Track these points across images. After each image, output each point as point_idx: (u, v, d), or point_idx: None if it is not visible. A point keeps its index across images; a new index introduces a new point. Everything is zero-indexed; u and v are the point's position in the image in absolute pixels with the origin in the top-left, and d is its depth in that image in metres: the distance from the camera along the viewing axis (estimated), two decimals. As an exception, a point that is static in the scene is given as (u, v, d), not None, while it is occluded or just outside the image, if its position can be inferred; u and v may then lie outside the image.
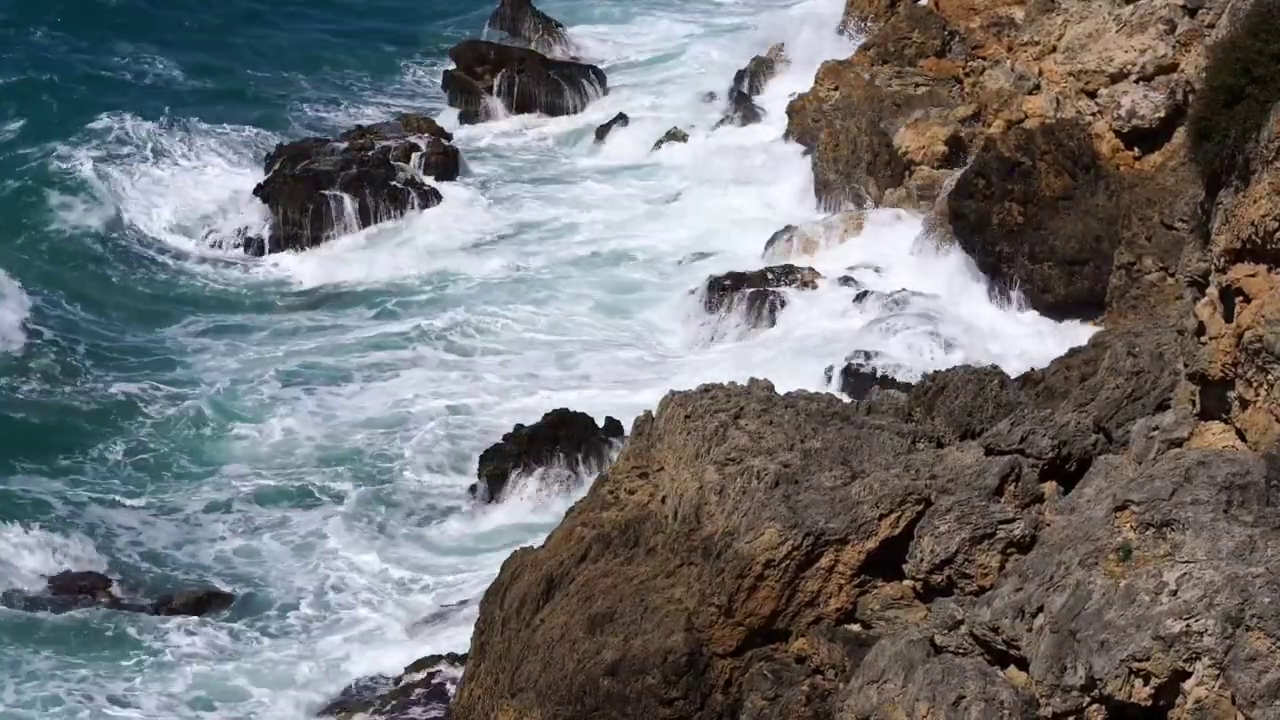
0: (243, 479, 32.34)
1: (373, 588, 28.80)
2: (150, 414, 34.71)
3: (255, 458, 33.19)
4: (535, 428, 31.85)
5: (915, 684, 14.62)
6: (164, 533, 30.56)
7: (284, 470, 32.71)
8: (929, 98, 43.00)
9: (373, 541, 30.25)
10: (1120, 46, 39.22)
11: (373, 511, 31.24)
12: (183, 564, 29.62)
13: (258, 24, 63.96)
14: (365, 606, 28.25)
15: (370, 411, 35.11)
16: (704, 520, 19.02)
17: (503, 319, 39.32)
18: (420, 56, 61.22)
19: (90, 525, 30.34)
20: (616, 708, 18.40)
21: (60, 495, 31.24)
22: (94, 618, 27.54)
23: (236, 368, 36.92)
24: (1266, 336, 14.87)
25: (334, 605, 28.31)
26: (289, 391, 35.70)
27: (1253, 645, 12.87)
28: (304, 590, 28.77)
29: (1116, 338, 24.61)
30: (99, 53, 59.35)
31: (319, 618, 27.93)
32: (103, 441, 33.54)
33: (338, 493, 31.88)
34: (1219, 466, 14.10)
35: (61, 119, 51.63)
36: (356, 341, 38.69)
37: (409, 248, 44.35)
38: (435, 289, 42.02)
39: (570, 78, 56.06)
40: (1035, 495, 17.98)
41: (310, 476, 32.46)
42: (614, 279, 41.96)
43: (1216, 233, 15.68)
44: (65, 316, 39.38)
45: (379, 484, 32.23)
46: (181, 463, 33.06)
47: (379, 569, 29.36)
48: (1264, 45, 15.24)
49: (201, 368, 37.05)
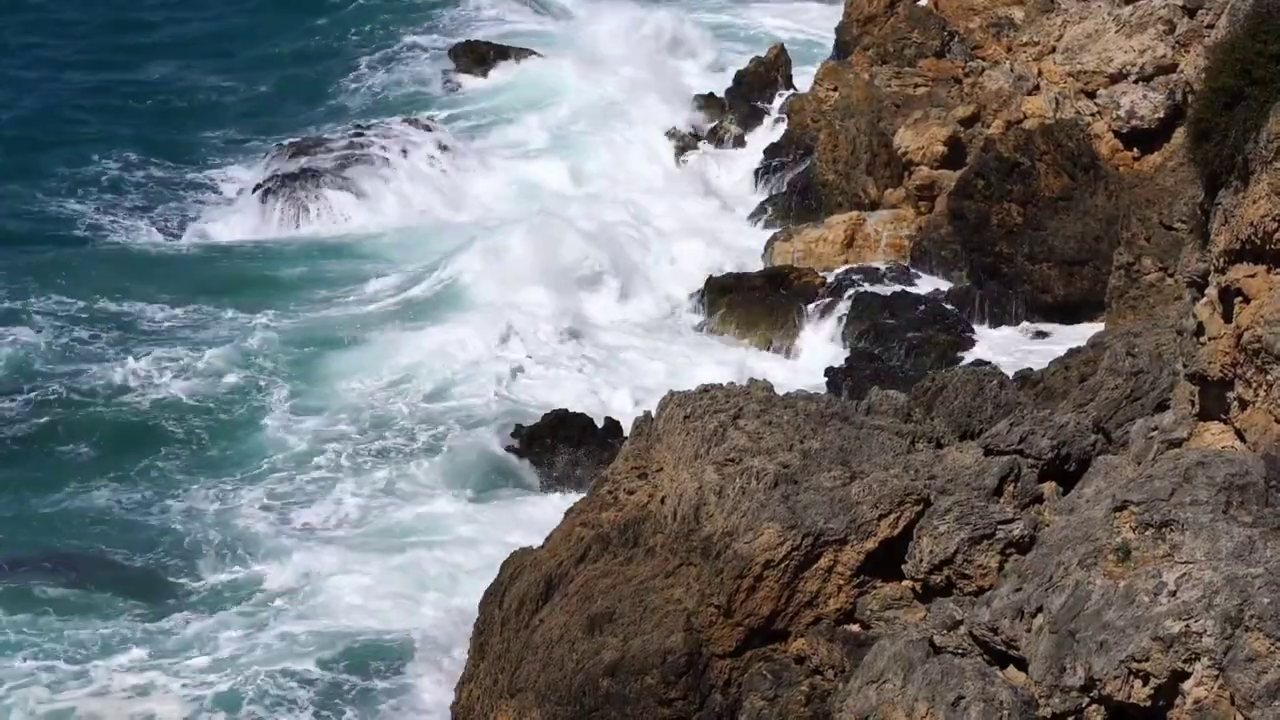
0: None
1: (372, 588, 28.74)
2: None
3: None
4: (535, 427, 31.87)
5: (914, 684, 14.63)
6: (141, 496, 30.72)
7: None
8: (928, 98, 43.00)
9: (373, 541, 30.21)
10: (1120, 47, 39.24)
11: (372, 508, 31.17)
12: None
13: (255, 22, 63.95)
14: (366, 607, 28.20)
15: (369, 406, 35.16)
16: (703, 520, 19.02)
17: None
18: (420, 56, 61.19)
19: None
20: (616, 708, 18.40)
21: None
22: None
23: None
24: (1266, 337, 14.88)
25: (334, 604, 28.26)
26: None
27: (1252, 646, 12.87)
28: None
29: (1116, 338, 24.62)
30: (97, 53, 59.39)
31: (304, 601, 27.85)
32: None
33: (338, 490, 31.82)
34: (1218, 467, 14.11)
35: (61, 119, 51.66)
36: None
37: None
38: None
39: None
40: (1034, 495, 17.99)
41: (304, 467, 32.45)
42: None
43: (1216, 233, 15.69)
44: (64, 317, 39.39)
45: (376, 479, 32.19)
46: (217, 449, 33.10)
47: (380, 568, 29.30)
48: (1263, 46, 15.26)
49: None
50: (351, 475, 31.51)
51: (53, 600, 27.26)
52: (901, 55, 45.32)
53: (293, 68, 59.39)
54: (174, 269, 42.85)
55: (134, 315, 39.45)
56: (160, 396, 34.88)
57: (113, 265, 42.48)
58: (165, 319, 39.38)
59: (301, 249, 43.68)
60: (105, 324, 38.89)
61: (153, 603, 27.33)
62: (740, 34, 63.31)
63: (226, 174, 48.90)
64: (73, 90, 55.84)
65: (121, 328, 38.67)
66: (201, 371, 35.80)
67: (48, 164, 48.74)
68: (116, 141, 50.76)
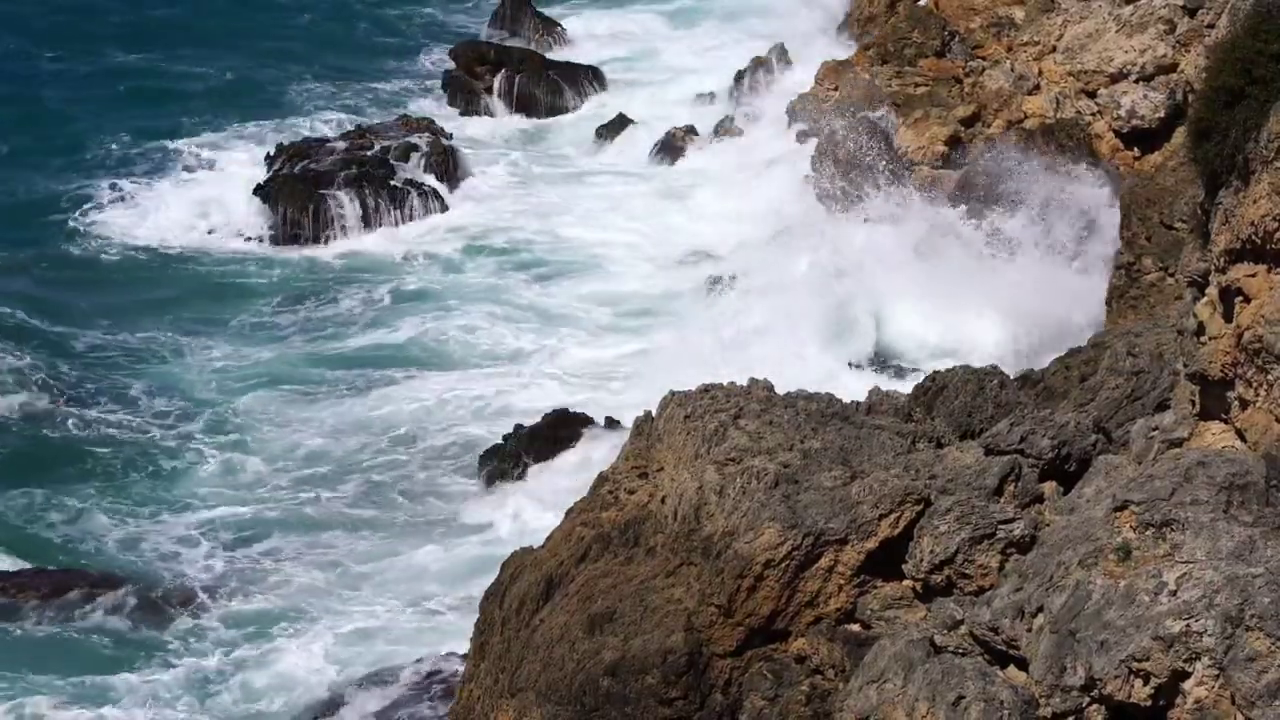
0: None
1: (372, 588, 28.78)
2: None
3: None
4: (535, 427, 31.86)
5: (915, 684, 14.63)
6: (155, 530, 30.52)
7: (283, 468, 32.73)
8: (929, 98, 43.00)
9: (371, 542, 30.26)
10: (1120, 46, 39.27)
11: (372, 508, 31.22)
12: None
13: (255, 22, 63.97)
14: (364, 606, 28.24)
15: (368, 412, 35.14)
16: (703, 520, 19.01)
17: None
18: (420, 57, 61.24)
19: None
20: (616, 708, 18.40)
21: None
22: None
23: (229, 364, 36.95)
24: (1266, 336, 14.88)
25: (334, 606, 28.31)
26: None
27: (1252, 645, 12.87)
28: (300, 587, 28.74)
29: (1116, 338, 24.60)
30: (96, 52, 59.42)
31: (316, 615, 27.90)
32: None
33: (340, 492, 31.84)
34: (1219, 466, 14.10)
35: (59, 121, 51.69)
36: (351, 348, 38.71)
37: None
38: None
39: (570, 77, 56.06)
40: (1035, 495, 17.98)
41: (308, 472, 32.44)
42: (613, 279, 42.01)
43: (1216, 233, 15.68)
44: (64, 318, 39.41)
45: (379, 481, 32.22)
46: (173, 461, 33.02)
47: (378, 569, 29.34)
48: (1263, 45, 15.25)
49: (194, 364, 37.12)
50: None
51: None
52: (902, 55, 45.33)
53: (293, 64, 59.46)
54: (174, 268, 42.95)
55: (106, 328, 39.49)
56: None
57: (93, 267, 42.55)
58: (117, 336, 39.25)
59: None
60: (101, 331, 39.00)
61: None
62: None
63: (226, 174, 48.91)
64: (69, 83, 55.93)
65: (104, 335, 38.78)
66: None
67: (44, 151, 48.88)
68: (99, 132, 50.85)
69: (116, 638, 27.19)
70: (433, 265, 43.33)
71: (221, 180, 47.91)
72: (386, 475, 32.49)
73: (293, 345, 38.45)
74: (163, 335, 38.82)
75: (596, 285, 41.50)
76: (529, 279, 42.16)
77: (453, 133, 51.68)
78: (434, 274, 42.81)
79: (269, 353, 37.94)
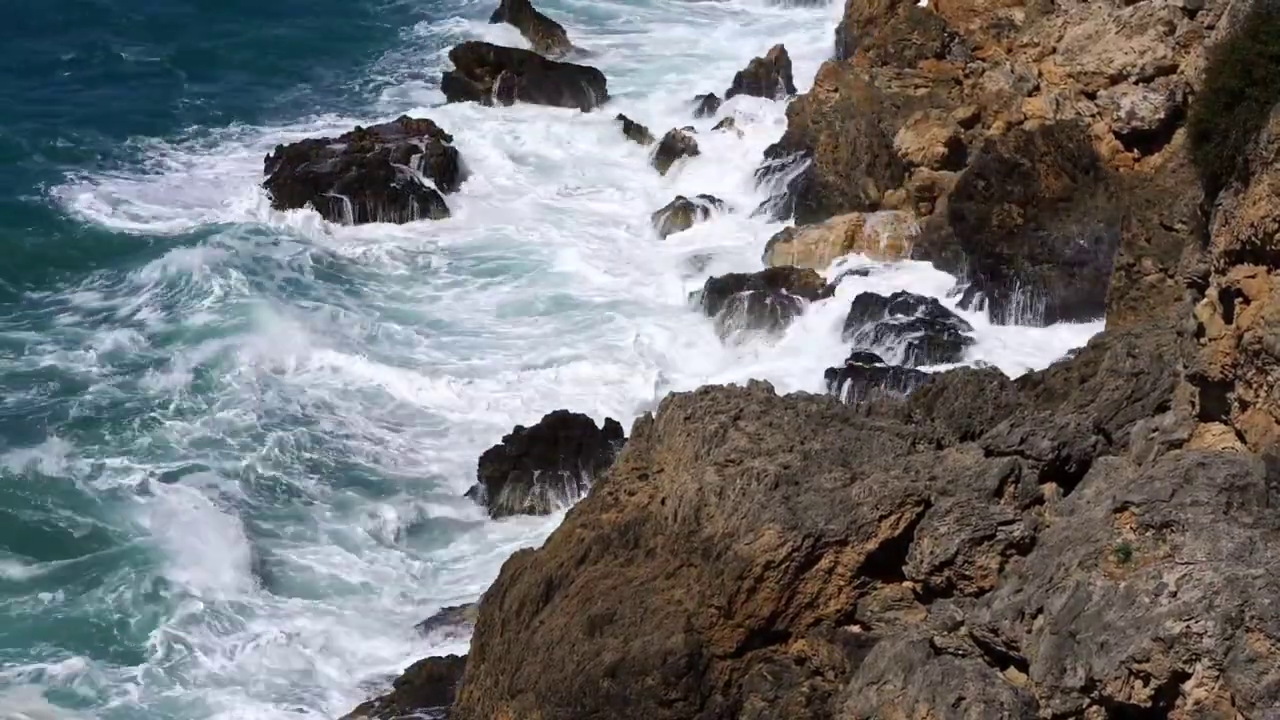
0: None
1: (372, 589, 28.78)
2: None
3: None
4: (535, 429, 31.83)
5: (915, 685, 14.62)
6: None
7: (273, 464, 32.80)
8: (929, 99, 43.00)
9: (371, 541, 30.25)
10: (1120, 48, 39.26)
11: (370, 510, 31.20)
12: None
13: (255, 23, 64.00)
14: (364, 607, 28.23)
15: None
16: (704, 522, 19.01)
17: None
18: (421, 58, 61.25)
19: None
20: (616, 709, 18.39)
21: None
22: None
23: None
24: (1266, 338, 14.88)
25: (332, 607, 28.29)
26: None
27: (1252, 646, 12.87)
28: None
29: (1116, 339, 24.61)
30: (95, 53, 59.43)
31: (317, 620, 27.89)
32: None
33: (333, 493, 31.82)
34: (1219, 468, 14.11)
35: (58, 122, 51.69)
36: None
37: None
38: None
39: (570, 80, 56.07)
40: (1035, 496, 17.98)
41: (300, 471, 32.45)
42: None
43: (1216, 234, 15.69)
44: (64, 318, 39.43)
45: (378, 483, 32.22)
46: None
47: (377, 570, 29.33)
48: (1263, 47, 15.27)
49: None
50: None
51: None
52: (902, 56, 45.33)
53: (292, 61, 59.50)
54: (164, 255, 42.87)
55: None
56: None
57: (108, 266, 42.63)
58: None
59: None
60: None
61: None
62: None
63: (226, 174, 48.93)
64: (67, 82, 55.97)
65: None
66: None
67: (37, 146, 48.94)
68: (100, 132, 50.86)
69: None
70: (429, 266, 43.30)
71: (222, 180, 47.93)
72: (386, 474, 32.57)
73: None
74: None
75: (592, 287, 41.49)
76: (527, 281, 42.16)
77: (452, 135, 51.66)
78: (430, 274, 42.78)
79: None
